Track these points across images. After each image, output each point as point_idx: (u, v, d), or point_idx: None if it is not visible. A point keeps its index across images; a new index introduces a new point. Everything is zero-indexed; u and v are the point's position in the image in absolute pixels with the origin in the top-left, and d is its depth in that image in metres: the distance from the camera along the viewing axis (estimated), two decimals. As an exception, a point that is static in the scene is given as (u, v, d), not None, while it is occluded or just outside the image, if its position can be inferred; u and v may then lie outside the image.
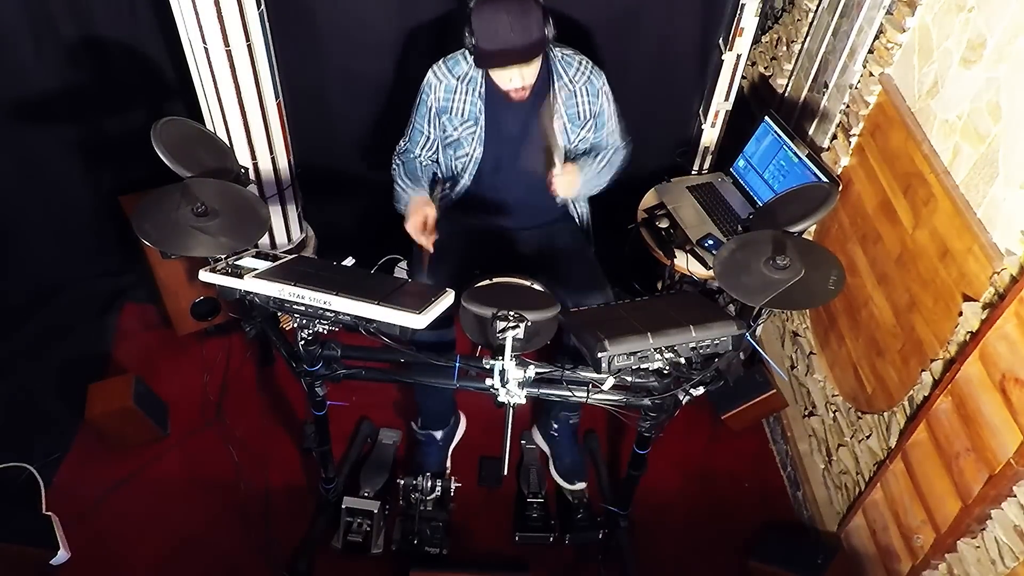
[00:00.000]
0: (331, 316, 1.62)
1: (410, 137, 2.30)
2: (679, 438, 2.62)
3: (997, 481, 1.65)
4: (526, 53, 1.99)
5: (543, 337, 1.68)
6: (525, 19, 1.93)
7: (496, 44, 1.95)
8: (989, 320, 1.68)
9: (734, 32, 2.43)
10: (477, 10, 1.94)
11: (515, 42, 1.94)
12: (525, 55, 2.00)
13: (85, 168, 2.75)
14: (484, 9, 1.93)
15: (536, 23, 1.96)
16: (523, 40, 1.95)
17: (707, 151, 2.74)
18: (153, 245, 1.64)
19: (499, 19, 1.92)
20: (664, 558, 2.39)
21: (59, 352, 2.77)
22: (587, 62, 2.20)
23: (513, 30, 1.93)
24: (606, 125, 2.27)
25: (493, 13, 1.93)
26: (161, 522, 2.37)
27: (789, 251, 1.54)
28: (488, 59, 2.02)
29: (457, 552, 2.33)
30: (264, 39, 2.15)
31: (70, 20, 2.41)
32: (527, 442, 2.63)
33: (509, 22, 1.92)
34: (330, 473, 2.30)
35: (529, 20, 1.94)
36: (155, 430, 2.54)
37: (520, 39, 1.94)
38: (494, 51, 1.97)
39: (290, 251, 2.67)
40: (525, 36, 1.95)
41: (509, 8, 1.92)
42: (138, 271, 2.86)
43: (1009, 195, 1.67)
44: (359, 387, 2.15)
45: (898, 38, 2.06)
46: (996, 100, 1.71)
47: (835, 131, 2.37)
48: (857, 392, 2.26)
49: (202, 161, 1.81)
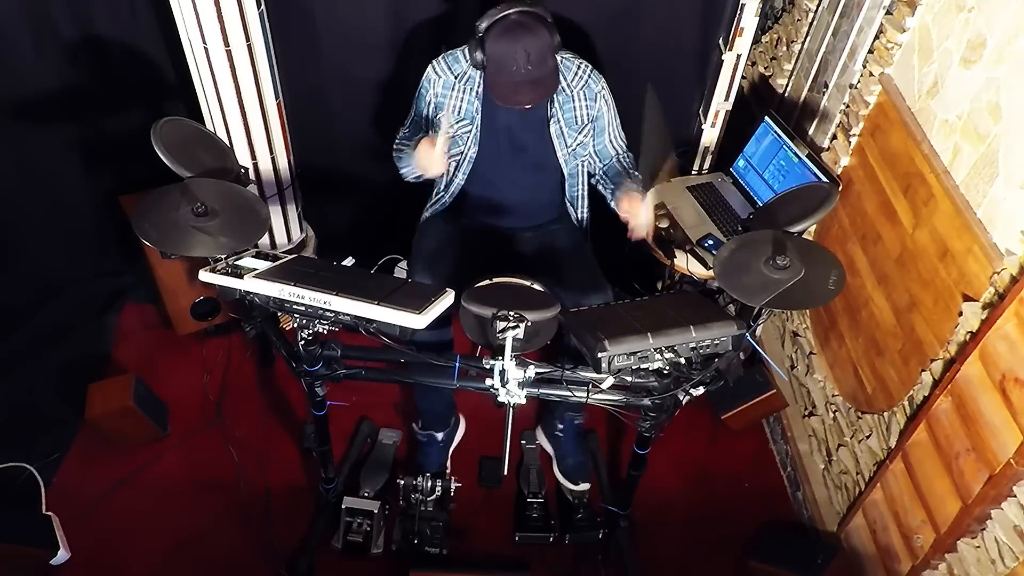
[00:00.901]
0: (331, 316, 1.62)
1: (408, 126, 2.30)
2: (679, 438, 2.62)
3: (997, 481, 1.65)
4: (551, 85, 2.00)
5: (543, 337, 1.68)
6: (542, 51, 1.93)
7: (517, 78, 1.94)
8: (989, 320, 1.68)
9: (734, 32, 2.43)
10: (493, 41, 1.93)
11: (536, 75, 1.94)
12: (549, 89, 2.01)
13: (85, 168, 2.75)
14: (501, 42, 1.92)
15: (551, 49, 1.95)
16: (543, 71, 1.95)
17: (707, 151, 2.74)
18: (153, 245, 1.64)
19: (517, 52, 1.91)
20: (664, 558, 2.39)
21: (59, 352, 2.77)
22: (585, 66, 2.19)
23: (532, 64, 1.92)
24: (606, 130, 2.25)
25: (511, 46, 1.91)
26: (161, 522, 2.37)
27: (789, 251, 1.54)
28: (510, 96, 1.99)
29: (457, 552, 2.33)
30: (264, 39, 2.15)
31: (70, 20, 2.41)
32: (527, 442, 2.63)
33: (528, 55, 1.91)
34: (330, 473, 2.30)
35: (545, 51, 1.93)
36: (155, 430, 2.54)
37: (541, 71, 1.94)
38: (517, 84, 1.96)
39: (290, 251, 2.67)
40: (544, 67, 1.94)
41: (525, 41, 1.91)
42: (138, 271, 2.86)
43: (1009, 195, 1.67)
44: (359, 387, 2.14)
45: (898, 38, 2.06)
46: (996, 100, 1.71)
47: (835, 131, 2.37)
48: (857, 392, 2.26)
49: (202, 161, 1.81)
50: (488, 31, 1.94)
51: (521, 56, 1.91)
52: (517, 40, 1.91)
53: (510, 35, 1.92)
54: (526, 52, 1.91)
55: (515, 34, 1.91)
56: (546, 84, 2.00)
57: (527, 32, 1.92)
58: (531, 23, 1.93)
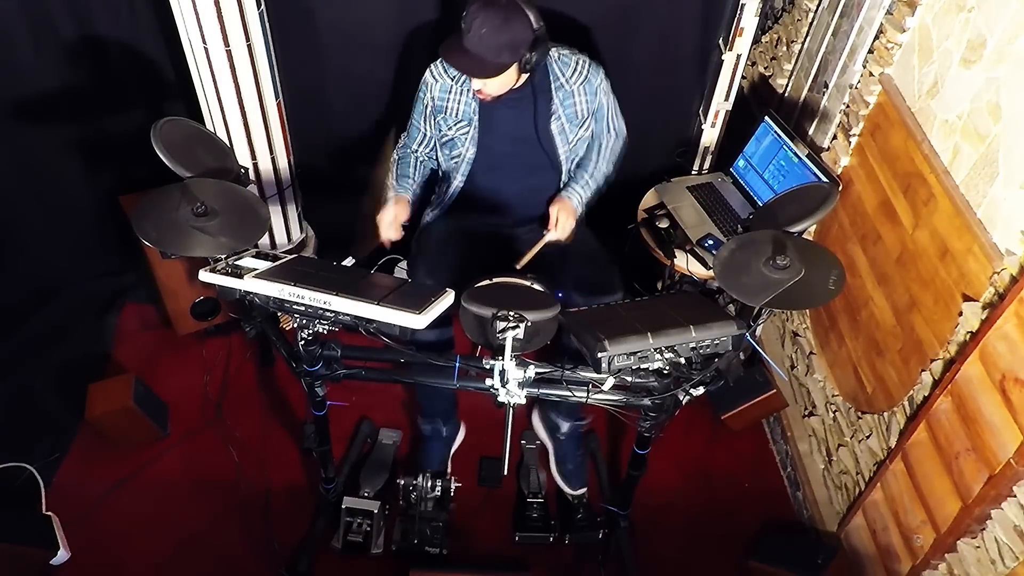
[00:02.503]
0: (331, 316, 1.62)
1: (409, 133, 2.32)
2: (679, 438, 2.62)
3: (997, 481, 1.65)
4: (477, 68, 1.97)
5: (543, 337, 1.68)
6: (491, 32, 1.90)
7: (456, 41, 1.94)
8: (989, 320, 1.68)
9: (734, 32, 2.43)
10: (468, 5, 1.93)
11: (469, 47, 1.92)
12: (472, 69, 1.98)
13: (85, 168, 2.75)
14: (471, 7, 1.91)
15: (508, 48, 1.93)
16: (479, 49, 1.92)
17: (707, 151, 2.74)
18: (153, 245, 1.64)
19: (470, 17, 1.90)
20: (664, 558, 2.39)
21: (59, 352, 2.77)
22: (584, 60, 2.18)
23: (473, 34, 1.90)
24: (604, 118, 2.27)
25: (470, 11, 1.91)
26: (161, 522, 2.37)
27: (789, 251, 1.54)
28: (442, 52, 1.99)
29: (457, 552, 2.33)
30: (264, 39, 2.15)
31: (69, 20, 2.41)
32: (527, 442, 2.63)
33: (473, 26, 1.90)
34: (330, 473, 2.30)
35: (495, 35, 1.90)
36: (155, 430, 2.54)
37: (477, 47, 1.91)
38: (451, 44, 1.95)
39: (290, 251, 2.67)
40: (481, 46, 1.91)
41: (483, 13, 1.89)
42: (138, 271, 2.86)
43: (1009, 195, 1.67)
44: (359, 387, 2.15)
45: (898, 38, 2.06)
46: (996, 100, 1.71)
47: (835, 131, 2.37)
48: (857, 392, 2.26)
49: (202, 161, 1.81)
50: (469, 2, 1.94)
51: (476, 25, 1.89)
52: (482, 11, 1.89)
53: (481, 4, 1.90)
54: (481, 26, 1.89)
55: (486, 6, 1.90)
56: (480, 65, 1.96)
57: (496, 13, 1.89)
58: (507, 7, 1.91)
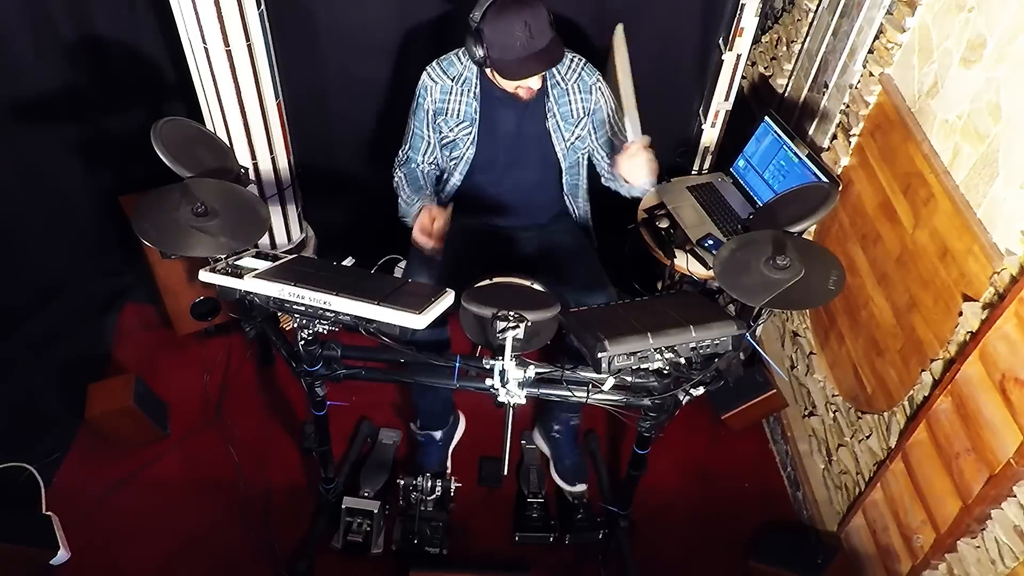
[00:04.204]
0: (331, 316, 1.61)
1: (411, 144, 2.28)
2: (679, 438, 2.62)
3: (997, 481, 1.65)
4: (557, 53, 1.98)
5: (543, 337, 1.68)
6: (540, 22, 1.92)
7: (523, 52, 1.93)
8: (989, 320, 1.68)
9: (734, 32, 2.43)
10: (491, 22, 1.91)
11: (540, 46, 1.93)
12: (555, 57, 1.99)
13: (85, 168, 2.75)
14: (500, 21, 1.91)
15: (549, 22, 1.95)
16: (545, 42, 1.93)
17: (707, 151, 2.74)
18: (153, 245, 1.64)
19: (516, 27, 1.90)
20: (664, 558, 2.39)
21: (59, 352, 2.77)
22: (579, 59, 2.19)
23: (534, 35, 1.91)
24: (606, 122, 2.26)
25: (509, 24, 1.90)
26: (161, 522, 2.37)
27: (789, 251, 1.54)
28: (517, 70, 1.98)
29: (457, 552, 2.33)
30: (264, 39, 2.15)
31: (70, 20, 2.41)
32: (527, 442, 2.63)
33: (528, 28, 1.90)
34: (330, 473, 2.30)
35: (543, 22, 1.93)
36: (155, 430, 2.54)
37: (543, 42, 1.93)
38: (523, 59, 1.95)
39: (290, 251, 2.67)
40: (545, 38, 1.93)
41: (523, 14, 1.90)
42: (138, 271, 2.86)
43: (1009, 195, 1.67)
44: (359, 387, 2.15)
45: (898, 38, 2.06)
46: (996, 100, 1.71)
47: (835, 131, 2.37)
48: (857, 392, 2.26)
49: (202, 161, 1.81)
50: (484, 17, 1.93)
51: (522, 30, 1.90)
52: (515, 15, 1.90)
53: (507, 12, 1.91)
54: (526, 24, 1.90)
55: (511, 10, 1.91)
56: (551, 53, 1.98)
57: (523, 6, 1.91)
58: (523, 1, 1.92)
